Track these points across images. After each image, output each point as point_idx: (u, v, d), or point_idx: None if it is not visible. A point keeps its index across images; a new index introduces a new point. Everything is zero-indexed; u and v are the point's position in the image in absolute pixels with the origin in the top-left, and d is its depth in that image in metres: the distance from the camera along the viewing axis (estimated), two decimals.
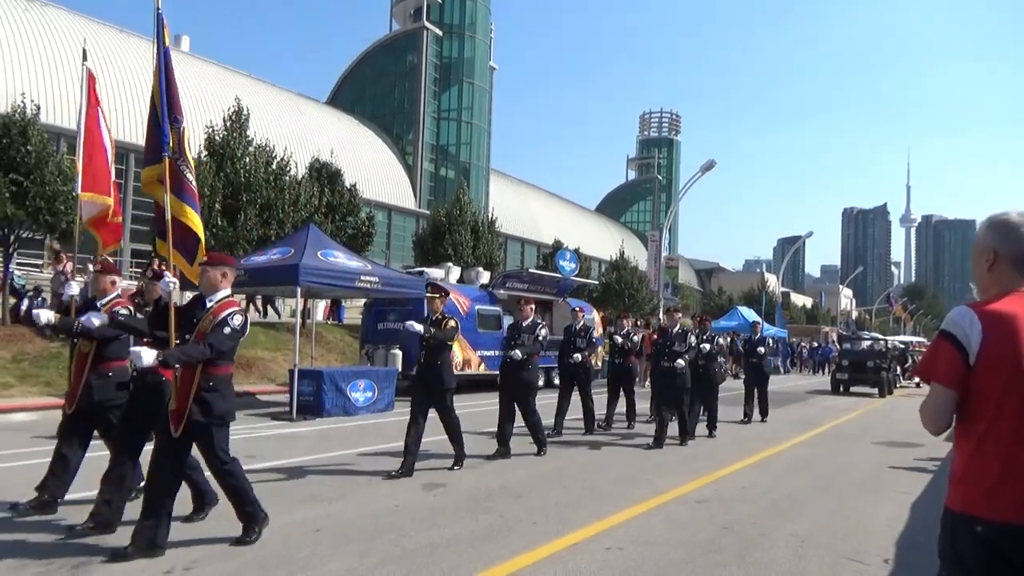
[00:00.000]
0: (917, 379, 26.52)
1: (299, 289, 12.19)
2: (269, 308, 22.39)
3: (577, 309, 11.77)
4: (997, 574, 1.88)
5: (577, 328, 11.05)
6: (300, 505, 5.80)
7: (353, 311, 23.75)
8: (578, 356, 10.61)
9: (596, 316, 20.37)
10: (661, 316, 30.59)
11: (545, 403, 10.39)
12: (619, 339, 11.65)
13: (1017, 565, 1.87)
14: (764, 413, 13.27)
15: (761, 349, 13.63)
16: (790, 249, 52.42)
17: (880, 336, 28.23)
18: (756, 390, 13.30)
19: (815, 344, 40.37)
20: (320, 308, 24.49)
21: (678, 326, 10.01)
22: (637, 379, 13.47)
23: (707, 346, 10.83)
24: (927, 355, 2.12)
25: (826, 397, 20.23)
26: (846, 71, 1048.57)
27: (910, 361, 25.10)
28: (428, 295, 7.95)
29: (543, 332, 8.72)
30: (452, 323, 7.53)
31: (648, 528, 5.44)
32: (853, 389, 21.96)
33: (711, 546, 5.02)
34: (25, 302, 14.37)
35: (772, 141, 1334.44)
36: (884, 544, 5.25)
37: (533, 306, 10.78)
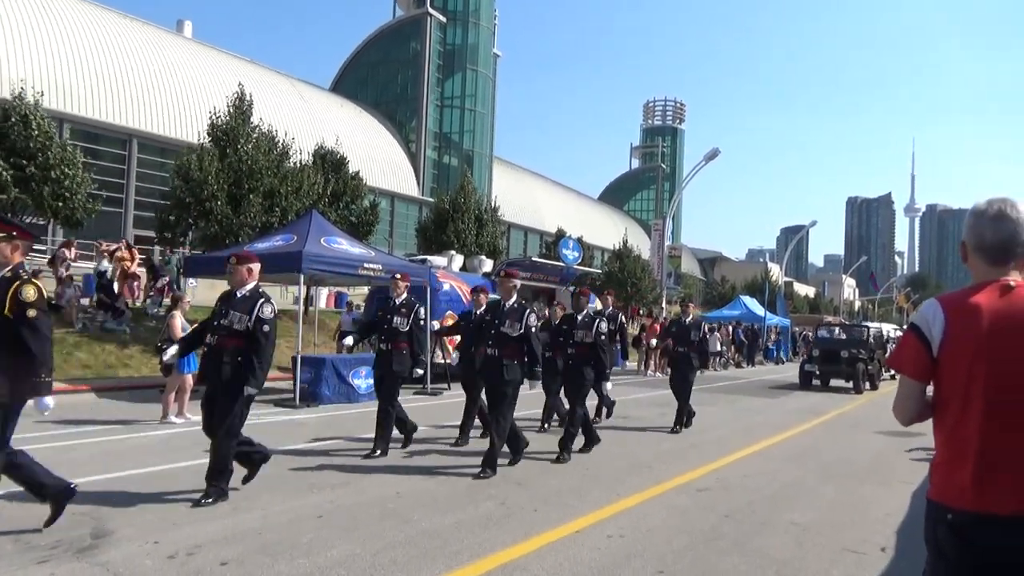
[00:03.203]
0: (892, 371, 25.41)
1: (302, 276, 12.19)
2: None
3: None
4: (969, 561, 1.92)
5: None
6: (303, 491, 5.82)
7: (356, 298, 23.76)
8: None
9: (599, 304, 20.34)
10: (664, 306, 30.56)
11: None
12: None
13: (987, 554, 1.90)
14: (678, 421, 10.12)
15: (695, 335, 10.30)
16: (794, 238, 52.34)
17: (873, 324, 27.59)
18: (676, 388, 10.28)
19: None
20: (323, 295, 24.50)
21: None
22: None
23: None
24: (897, 346, 2.16)
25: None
26: (851, 59, 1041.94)
27: (887, 351, 24.01)
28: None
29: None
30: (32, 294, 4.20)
31: (649, 516, 5.46)
32: (829, 383, 18.99)
33: (712, 534, 5.04)
34: None
35: (776, 130, 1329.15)
36: (885, 533, 5.27)
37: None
